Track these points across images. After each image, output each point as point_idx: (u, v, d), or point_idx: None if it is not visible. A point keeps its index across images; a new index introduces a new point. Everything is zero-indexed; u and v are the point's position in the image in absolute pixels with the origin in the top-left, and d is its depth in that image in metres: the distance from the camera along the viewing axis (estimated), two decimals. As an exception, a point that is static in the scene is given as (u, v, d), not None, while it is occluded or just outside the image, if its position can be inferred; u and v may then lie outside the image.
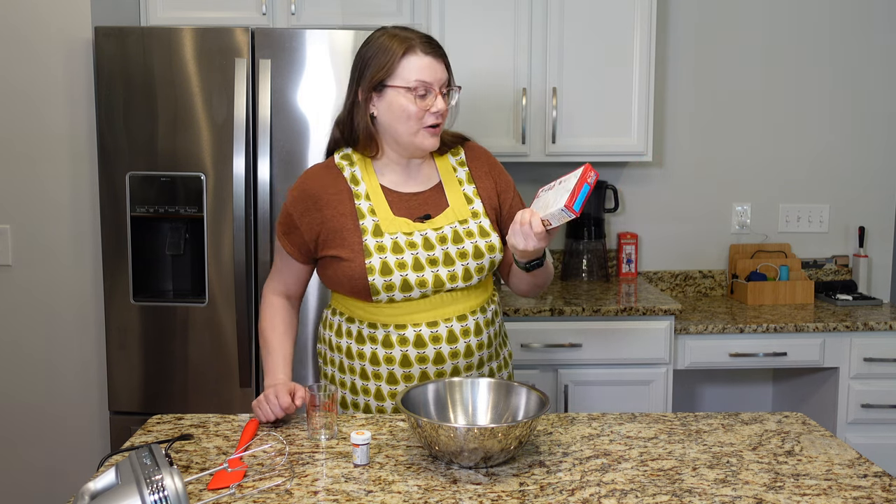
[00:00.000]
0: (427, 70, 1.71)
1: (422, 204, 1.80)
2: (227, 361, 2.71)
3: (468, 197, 1.83)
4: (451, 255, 1.76)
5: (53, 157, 2.84)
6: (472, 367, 1.81)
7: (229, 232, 2.68)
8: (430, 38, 1.76)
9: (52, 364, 2.90)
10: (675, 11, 3.42)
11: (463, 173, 1.85)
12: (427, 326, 1.76)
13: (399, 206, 1.79)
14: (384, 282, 1.72)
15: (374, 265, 1.72)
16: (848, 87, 3.50)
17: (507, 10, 3.01)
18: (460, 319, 1.78)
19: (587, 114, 3.08)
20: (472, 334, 1.79)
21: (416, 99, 1.72)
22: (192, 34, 2.63)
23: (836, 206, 3.55)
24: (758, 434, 1.65)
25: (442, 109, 1.73)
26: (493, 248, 1.79)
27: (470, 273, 1.77)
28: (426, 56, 1.72)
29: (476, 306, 1.80)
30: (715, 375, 3.56)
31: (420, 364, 1.77)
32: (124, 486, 1.16)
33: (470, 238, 1.78)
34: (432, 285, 1.74)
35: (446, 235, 1.77)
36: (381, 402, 1.80)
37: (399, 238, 1.74)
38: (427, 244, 1.75)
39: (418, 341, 1.76)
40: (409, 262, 1.73)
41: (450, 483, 1.41)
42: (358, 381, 1.82)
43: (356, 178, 1.80)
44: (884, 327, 2.97)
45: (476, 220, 1.80)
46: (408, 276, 1.72)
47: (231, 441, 1.60)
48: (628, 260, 3.42)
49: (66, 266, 2.87)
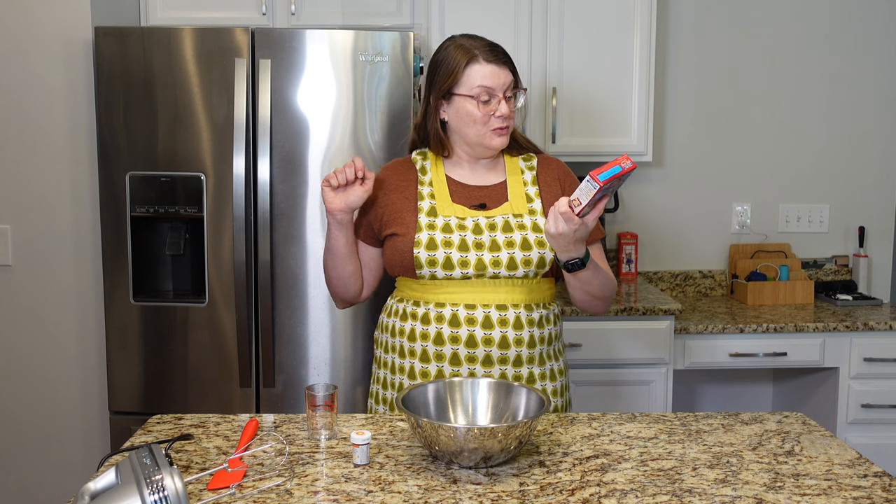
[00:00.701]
0: (489, 77, 1.82)
1: (483, 195, 1.89)
2: (227, 361, 2.71)
3: (529, 196, 1.89)
4: (499, 243, 1.81)
5: (53, 157, 2.84)
6: (508, 362, 1.82)
7: (229, 232, 2.68)
8: (495, 46, 1.86)
9: (52, 364, 2.90)
10: (675, 11, 3.42)
11: (529, 176, 1.93)
12: (465, 308, 1.81)
13: (460, 194, 1.89)
14: (428, 256, 1.80)
15: (422, 239, 1.81)
16: (848, 87, 3.50)
17: (506, 9, 3.01)
18: (500, 308, 1.81)
19: (587, 114, 3.08)
20: (511, 326, 1.81)
21: (480, 105, 1.83)
22: (192, 34, 2.63)
23: (836, 206, 3.55)
24: (758, 434, 1.65)
25: (506, 113, 1.83)
26: (544, 245, 1.82)
27: (515, 263, 1.80)
28: (488, 64, 1.82)
29: (520, 301, 1.83)
30: (715, 375, 3.56)
31: (452, 344, 1.80)
32: (124, 486, 1.16)
33: (521, 230, 1.83)
34: (474, 267, 1.80)
35: (496, 224, 1.83)
36: (413, 380, 1.85)
37: (451, 220, 1.83)
38: (477, 229, 1.83)
39: (453, 320, 1.81)
40: (455, 242, 1.81)
41: (450, 483, 1.41)
42: (397, 359, 1.88)
43: (425, 168, 1.93)
44: (884, 327, 2.97)
45: (532, 216, 1.86)
46: (451, 254, 1.80)
47: (231, 441, 1.60)
48: (628, 260, 3.42)
49: (66, 266, 2.87)
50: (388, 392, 1.91)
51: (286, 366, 2.71)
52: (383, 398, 1.92)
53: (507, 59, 1.86)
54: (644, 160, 3.15)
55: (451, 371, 1.81)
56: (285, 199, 2.66)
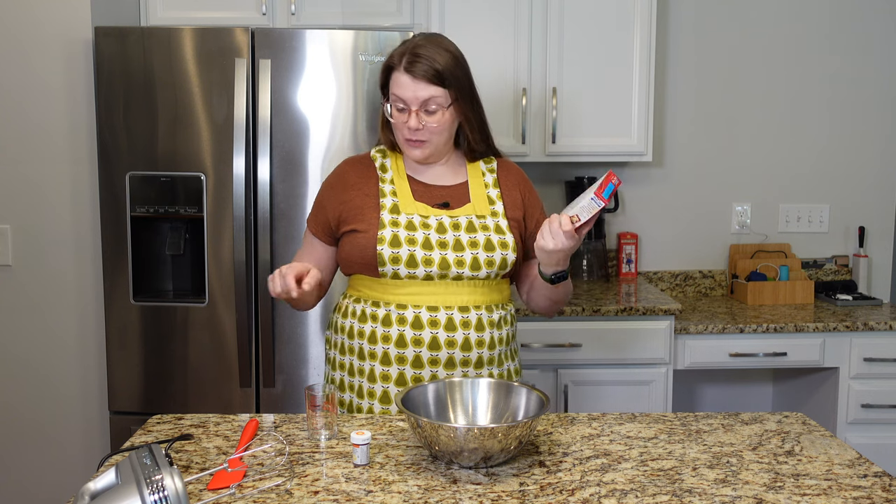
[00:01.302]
0: (401, 88, 1.79)
1: (445, 194, 1.87)
2: (227, 361, 2.71)
3: (491, 198, 1.89)
4: (462, 242, 1.80)
5: (53, 157, 2.84)
6: (469, 364, 1.81)
7: (229, 232, 2.68)
8: (420, 57, 1.76)
9: (52, 364, 2.90)
10: (675, 11, 3.42)
11: (490, 178, 1.92)
12: (427, 310, 1.79)
13: (421, 193, 1.87)
14: (391, 253, 1.77)
15: (385, 236, 1.78)
16: (848, 87, 3.50)
17: (507, 9, 3.01)
18: (462, 310, 1.80)
19: (587, 114, 3.08)
20: (473, 328, 1.80)
21: (396, 112, 1.82)
22: (192, 34, 2.63)
23: (836, 206, 3.55)
24: (758, 434, 1.65)
25: (413, 126, 1.79)
26: (506, 246, 1.82)
27: (478, 263, 1.80)
28: (404, 74, 1.78)
29: (481, 302, 1.82)
30: (715, 375, 3.56)
31: (415, 346, 1.78)
32: (124, 486, 1.16)
33: (484, 231, 1.82)
34: (438, 266, 1.78)
35: (460, 223, 1.82)
36: (372, 384, 1.82)
37: (415, 218, 1.81)
38: (440, 228, 1.81)
39: (416, 323, 1.78)
40: (419, 240, 1.79)
41: (450, 483, 1.41)
42: (356, 361, 1.85)
43: (386, 167, 1.90)
44: (884, 327, 2.97)
45: (495, 218, 1.85)
46: (415, 252, 1.77)
47: (231, 441, 1.60)
48: (628, 260, 3.42)
49: (66, 266, 2.87)
50: (345, 395, 1.87)
51: (286, 366, 2.71)
52: (340, 400, 1.88)
53: (428, 73, 1.76)
54: (644, 160, 3.15)
55: (414, 374, 1.79)
56: (285, 199, 2.66)
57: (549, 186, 3.43)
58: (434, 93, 1.78)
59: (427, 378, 1.79)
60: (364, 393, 1.83)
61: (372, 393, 1.82)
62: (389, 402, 1.81)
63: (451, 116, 1.83)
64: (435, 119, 1.80)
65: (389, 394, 1.81)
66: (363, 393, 1.84)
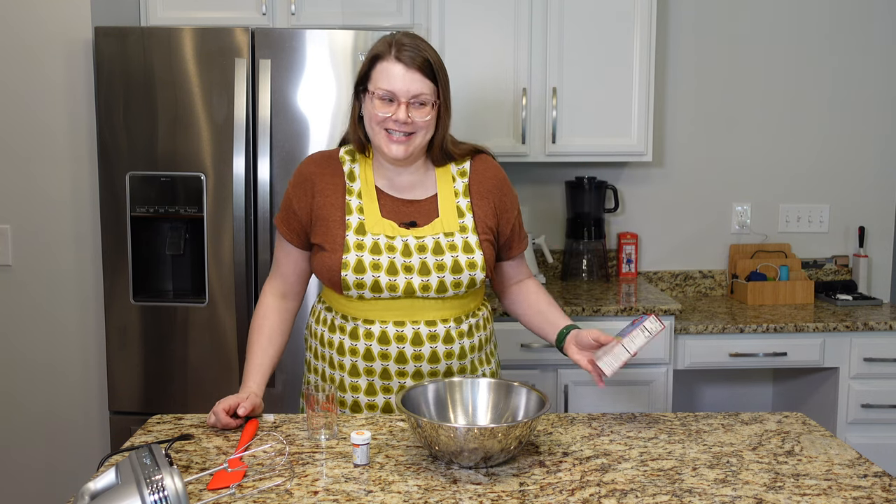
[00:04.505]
0: (391, 78, 1.69)
1: (412, 211, 1.79)
2: (227, 361, 2.71)
3: (460, 210, 1.80)
4: (428, 266, 1.74)
5: (53, 157, 2.84)
6: (438, 374, 1.79)
7: (229, 232, 2.68)
8: (414, 48, 1.71)
9: (52, 364, 2.90)
10: (675, 11, 3.42)
11: (461, 185, 1.82)
12: (394, 325, 1.76)
13: (389, 209, 1.78)
14: (356, 279, 1.73)
15: (350, 261, 1.73)
16: (848, 88, 3.50)
17: (507, 9, 3.01)
18: (429, 324, 1.77)
19: (587, 114, 3.08)
20: (441, 341, 1.77)
21: (380, 104, 1.71)
22: (192, 34, 2.63)
23: (836, 206, 3.55)
24: (758, 434, 1.65)
25: (401, 118, 1.69)
26: (475, 266, 1.76)
27: (445, 286, 1.75)
28: (396, 64, 1.70)
29: (449, 316, 1.78)
30: (715, 375, 3.56)
31: (382, 360, 1.77)
32: (124, 486, 1.16)
33: (452, 251, 1.75)
34: (402, 291, 1.74)
35: (426, 245, 1.75)
36: (343, 393, 1.81)
37: (380, 240, 1.74)
38: (406, 251, 1.74)
39: (382, 338, 1.76)
40: (383, 265, 1.73)
41: (450, 483, 1.41)
42: (327, 368, 1.84)
43: (353, 174, 1.81)
44: (884, 327, 2.97)
45: (464, 234, 1.78)
46: (380, 278, 1.72)
47: (231, 441, 1.60)
48: (628, 260, 3.42)
49: (66, 266, 2.87)
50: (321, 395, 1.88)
51: (286, 366, 2.71)
52: None
53: (418, 62, 1.69)
54: (644, 160, 3.15)
55: (382, 384, 1.78)
56: (285, 198, 2.66)
57: (549, 186, 3.43)
58: (425, 88, 1.70)
59: (395, 388, 1.77)
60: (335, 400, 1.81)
61: (343, 402, 1.81)
62: (360, 411, 1.80)
63: (435, 114, 1.75)
64: (423, 114, 1.72)
65: (360, 403, 1.80)
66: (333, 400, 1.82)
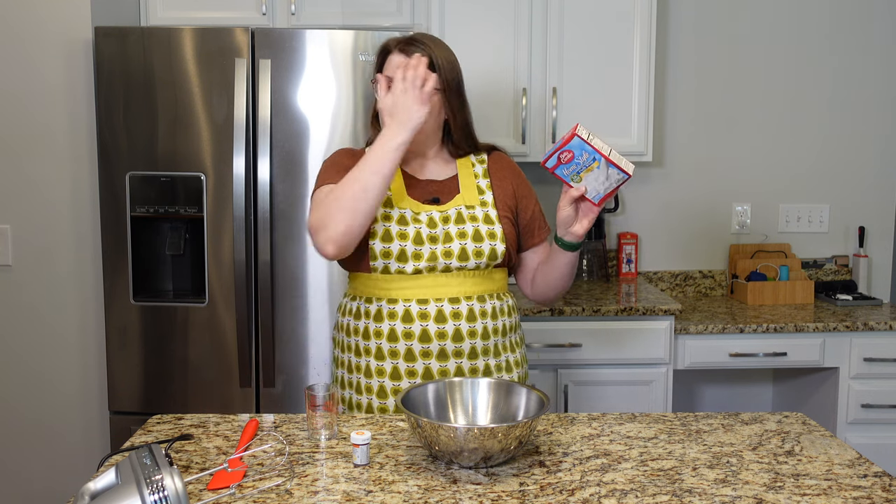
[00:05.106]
0: (393, 68, 1.84)
1: (435, 190, 1.90)
2: (227, 361, 2.71)
3: (481, 188, 1.91)
4: (451, 234, 1.83)
5: (53, 157, 2.84)
6: (463, 355, 1.82)
7: (229, 232, 2.68)
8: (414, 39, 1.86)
9: (52, 364, 2.90)
10: (675, 11, 3.42)
11: (480, 169, 1.94)
12: (417, 303, 1.81)
13: (414, 188, 1.89)
14: (383, 248, 1.80)
15: (377, 230, 1.81)
16: (848, 87, 3.50)
17: (507, 9, 3.01)
18: (452, 301, 1.82)
19: (587, 114, 3.08)
20: (464, 319, 1.81)
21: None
22: (192, 34, 2.63)
23: (836, 206, 3.55)
24: (758, 434, 1.65)
25: None
26: (494, 236, 1.84)
27: (466, 254, 1.82)
28: (399, 55, 1.85)
29: (472, 293, 1.84)
30: (715, 375, 3.56)
31: (406, 340, 1.80)
32: (124, 486, 1.16)
33: (473, 221, 1.85)
34: (427, 259, 1.81)
35: (450, 216, 1.85)
36: (369, 379, 1.84)
37: (406, 213, 1.84)
38: (431, 223, 1.83)
39: (406, 316, 1.81)
40: (410, 234, 1.81)
41: (450, 483, 1.41)
42: (353, 357, 1.88)
43: None
44: (884, 327, 2.97)
45: (484, 208, 1.87)
46: (406, 246, 1.80)
47: (231, 441, 1.60)
48: (628, 260, 3.42)
49: (66, 266, 2.87)
50: (345, 392, 1.90)
51: (286, 366, 2.71)
52: (341, 398, 1.92)
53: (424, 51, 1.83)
54: (644, 160, 3.15)
55: (407, 367, 1.81)
56: (285, 199, 2.66)
57: (550, 186, 3.43)
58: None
59: (420, 371, 1.81)
60: (362, 389, 1.86)
61: (369, 388, 1.85)
62: (386, 397, 1.83)
63: (439, 103, 1.85)
64: None
65: (385, 388, 1.83)
66: (361, 389, 1.86)
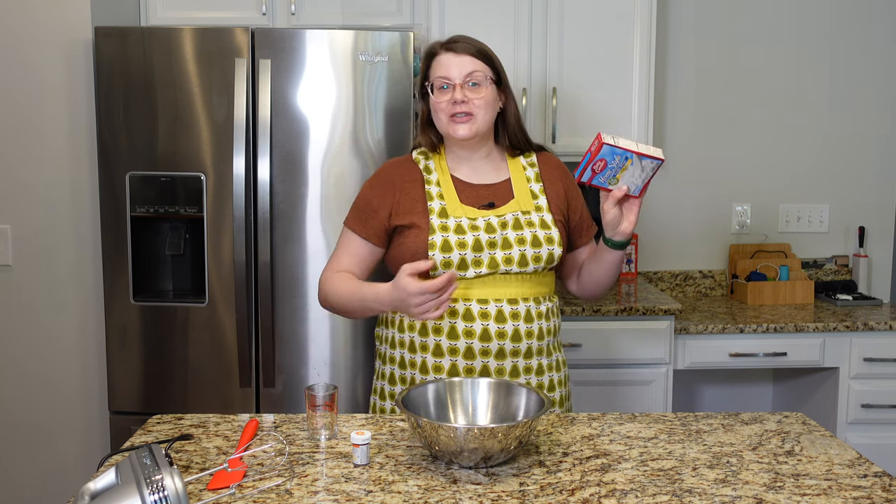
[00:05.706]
0: (444, 67, 1.86)
1: (489, 194, 1.91)
2: (227, 361, 2.71)
3: (534, 193, 1.93)
4: (510, 240, 1.84)
5: (53, 157, 2.84)
6: (519, 354, 1.84)
7: (229, 232, 2.68)
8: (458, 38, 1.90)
9: (52, 364, 2.90)
10: (675, 11, 3.42)
11: (532, 173, 1.95)
12: (477, 303, 1.83)
13: (467, 194, 1.90)
14: (443, 258, 1.81)
15: (436, 242, 1.82)
16: (848, 87, 3.50)
17: (507, 9, 3.01)
18: (511, 303, 1.84)
19: (587, 114, 3.07)
20: (522, 319, 1.84)
21: (439, 93, 1.87)
22: (192, 34, 2.63)
23: (836, 206, 3.55)
24: (758, 434, 1.65)
25: (458, 98, 1.83)
26: (552, 241, 1.87)
27: (526, 259, 1.84)
28: (445, 54, 1.88)
29: (529, 295, 1.86)
30: (715, 375, 3.56)
31: (467, 338, 1.82)
32: (124, 486, 1.16)
33: (530, 227, 1.87)
34: (487, 266, 1.82)
35: (507, 221, 1.86)
36: (425, 374, 1.86)
37: (463, 221, 1.85)
38: (489, 228, 1.85)
39: (467, 315, 1.82)
40: (469, 243, 1.82)
41: (450, 483, 1.41)
42: (407, 354, 1.89)
43: (429, 168, 1.94)
44: (884, 327, 2.97)
45: (539, 213, 1.89)
46: (466, 255, 1.81)
47: (231, 441, 1.60)
48: (628, 260, 3.42)
49: (66, 266, 2.87)
50: (396, 387, 1.92)
51: (286, 366, 2.71)
52: (390, 394, 1.93)
53: (470, 49, 1.86)
54: (644, 160, 3.15)
55: (465, 365, 1.83)
56: (285, 199, 2.66)
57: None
58: (477, 66, 1.85)
59: (478, 368, 1.83)
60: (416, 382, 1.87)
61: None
62: None
63: (494, 94, 1.88)
64: (479, 93, 1.85)
65: None
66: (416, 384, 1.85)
